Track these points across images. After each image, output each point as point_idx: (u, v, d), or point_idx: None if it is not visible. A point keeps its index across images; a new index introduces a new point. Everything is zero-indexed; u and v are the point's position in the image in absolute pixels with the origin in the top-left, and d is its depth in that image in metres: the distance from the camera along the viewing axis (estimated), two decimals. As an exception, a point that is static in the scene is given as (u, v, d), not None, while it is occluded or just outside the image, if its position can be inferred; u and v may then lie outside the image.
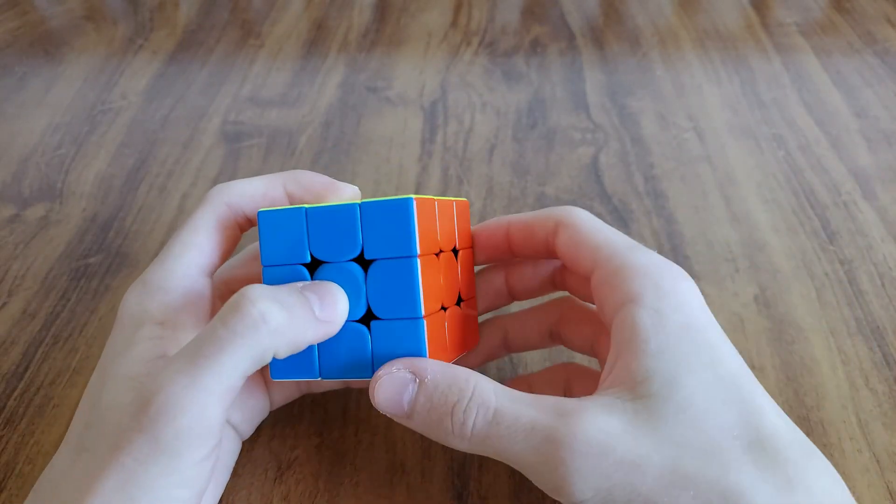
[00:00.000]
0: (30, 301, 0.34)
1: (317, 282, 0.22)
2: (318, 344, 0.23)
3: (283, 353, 0.21)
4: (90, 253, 0.37)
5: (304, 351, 0.23)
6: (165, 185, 0.41)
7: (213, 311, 0.25)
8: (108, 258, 0.36)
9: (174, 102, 0.48)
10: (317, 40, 0.55)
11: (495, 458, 0.21)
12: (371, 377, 0.22)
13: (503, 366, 0.31)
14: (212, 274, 0.25)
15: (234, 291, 0.27)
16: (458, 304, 0.25)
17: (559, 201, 0.39)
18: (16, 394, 0.30)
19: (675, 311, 0.21)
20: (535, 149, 0.43)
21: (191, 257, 0.24)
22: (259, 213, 0.23)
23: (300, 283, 0.22)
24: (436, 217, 0.24)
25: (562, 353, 0.31)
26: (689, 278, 0.22)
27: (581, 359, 0.31)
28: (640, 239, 0.37)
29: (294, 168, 0.42)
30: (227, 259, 0.26)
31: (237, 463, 0.27)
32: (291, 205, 0.25)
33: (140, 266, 0.36)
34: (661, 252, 0.35)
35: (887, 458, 0.27)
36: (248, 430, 0.27)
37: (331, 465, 0.27)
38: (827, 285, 0.34)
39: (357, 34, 0.55)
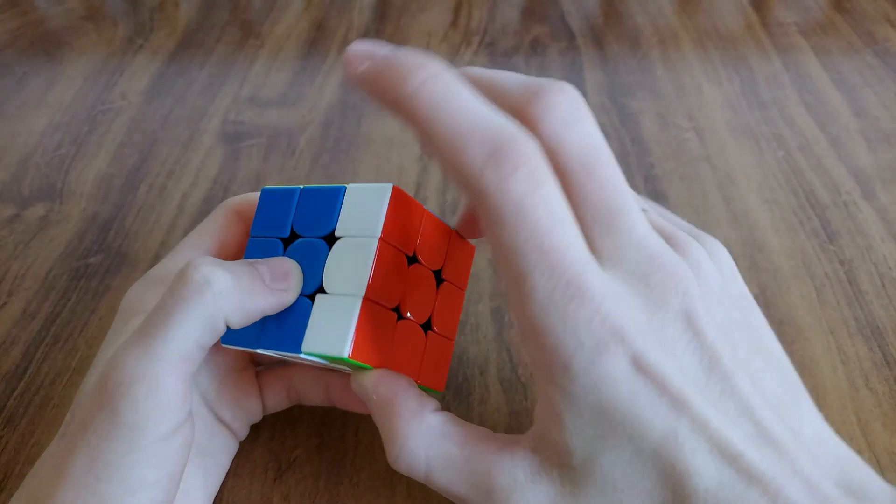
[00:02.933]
0: (30, 301, 0.34)
1: (270, 258, 0.23)
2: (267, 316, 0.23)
3: (235, 320, 0.21)
4: (90, 253, 0.37)
5: (255, 323, 0.22)
6: (165, 185, 0.41)
7: None
8: (108, 258, 0.36)
9: (174, 102, 0.48)
10: (317, 40, 0.55)
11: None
12: (299, 353, 0.21)
13: (503, 366, 0.31)
14: None
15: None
16: (426, 328, 0.24)
17: (559, 201, 0.39)
18: (16, 394, 0.30)
19: (587, 392, 0.18)
20: (535, 149, 0.43)
21: (192, 255, 0.24)
22: (262, 189, 0.24)
23: (252, 260, 0.23)
24: (420, 223, 0.23)
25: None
26: (614, 342, 0.18)
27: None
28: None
29: (294, 169, 0.42)
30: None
31: (237, 463, 0.27)
32: None
33: (140, 266, 0.36)
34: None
35: (887, 458, 0.27)
36: (241, 429, 0.27)
37: (331, 465, 0.27)
38: (827, 285, 0.34)
39: (357, 34, 0.55)
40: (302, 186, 0.24)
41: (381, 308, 0.22)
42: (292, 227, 0.24)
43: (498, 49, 0.53)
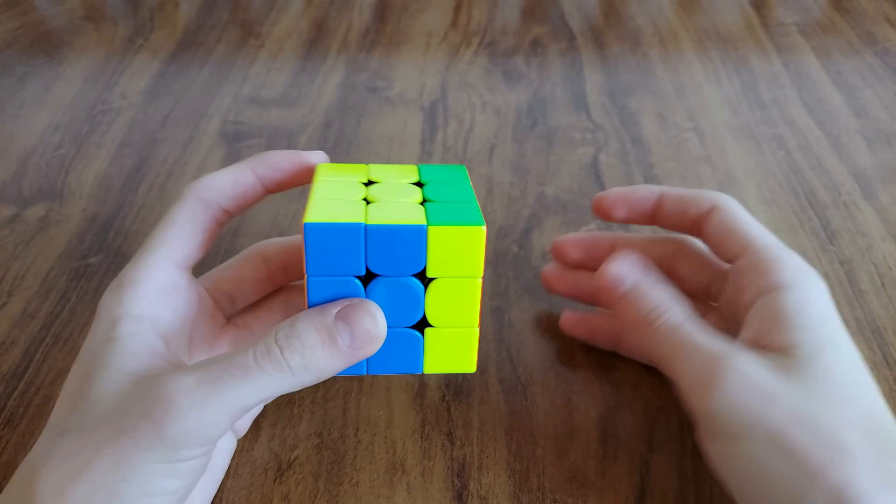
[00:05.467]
0: (30, 301, 0.34)
1: (353, 304, 0.22)
2: None
3: (308, 385, 0.22)
4: (90, 253, 0.37)
5: None
6: (165, 185, 0.41)
7: (194, 305, 0.25)
8: (108, 258, 0.36)
9: (174, 102, 0.48)
10: (317, 40, 0.55)
11: (658, 359, 0.26)
12: (420, 371, 0.24)
13: (503, 366, 0.31)
14: (188, 267, 0.25)
15: (223, 292, 0.27)
16: None
17: (559, 201, 0.39)
18: (16, 394, 0.30)
19: (815, 302, 0.24)
20: (535, 149, 0.43)
21: (162, 251, 0.24)
22: (305, 225, 0.21)
23: (336, 307, 0.22)
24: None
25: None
26: (824, 283, 0.25)
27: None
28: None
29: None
30: (205, 252, 0.26)
31: (237, 463, 0.27)
32: (264, 187, 0.26)
33: (140, 266, 0.36)
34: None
35: (887, 458, 0.27)
36: (243, 428, 0.27)
37: (331, 465, 0.27)
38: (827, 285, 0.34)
39: (357, 34, 0.55)
40: (365, 223, 0.22)
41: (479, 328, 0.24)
42: (367, 266, 0.22)
43: (498, 49, 0.53)
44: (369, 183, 0.25)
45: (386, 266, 0.22)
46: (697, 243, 0.30)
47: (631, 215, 0.29)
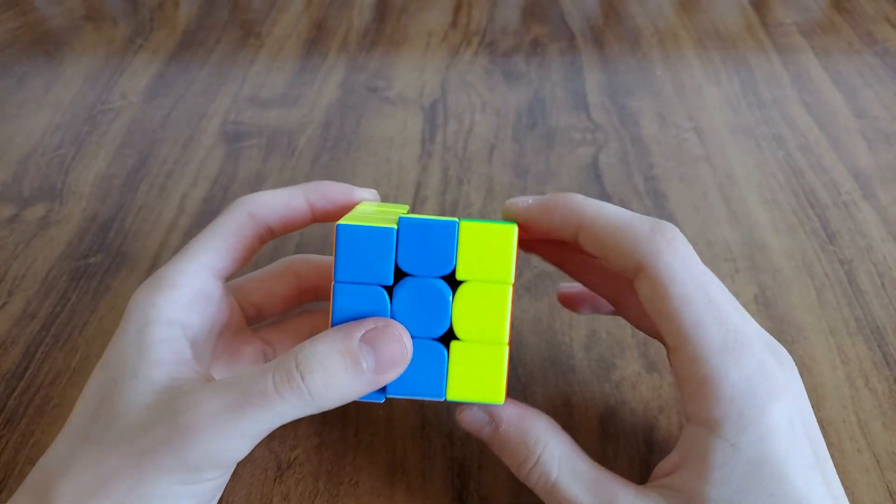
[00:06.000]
0: (30, 301, 0.34)
1: (378, 327, 0.22)
2: None
3: (328, 409, 0.21)
4: (90, 253, 0.37)
5: None
6: (165, 185, 0.41)
7: (224, 315, 0.25)
8: (108, 258, 0.36)
9: (174, 102, 0.48)
10: (317, 40, 0.55)
11: None
12: (443, 398, 0.22)
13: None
14: (223, 278, 0.25)
15: (257, 307, 0.27)
16: None
17: (559, 201, 0.39)
18: (16, 394, 0.30)
19: (751, 444, 0.20)
20: (535, 149, 0.43)
21: (203, 259, 0.24)
22: (338, 225, 0.21)
23: (361, 329, 0.22)
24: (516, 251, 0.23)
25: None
26: (788, 390, 0.20)
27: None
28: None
29: (294, 169, 0.42)
30: (242, 266, 0.26)
31: (237, 463, 0.27)
32: (313, 214, 0.26)
33: (140, 266, 0.36)
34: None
35: (887, 458, 0.27)
36: None
37: (331, 465, 0.27)
38: (827, 285, 0.34)
39: (357, 34, 0.55)
40: (397, 223, 0.22)
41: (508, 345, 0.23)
42: (396, 264, 0.22)
43: (498, 49, 0.53)
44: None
45: (416, 264, 0.22)
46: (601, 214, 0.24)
47: (546, 247, 0.27)
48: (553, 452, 0.22)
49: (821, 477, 0.20)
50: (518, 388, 0.30)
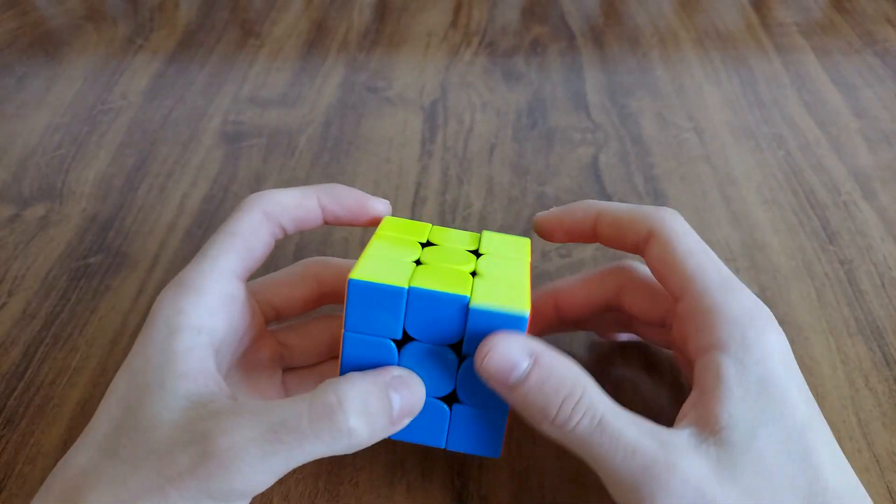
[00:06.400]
0: (30, 301, 0.34)
1: (403, 377, 0.22)
2: None
3: (353, 451, 0.22)
4: (90, 253, 0.37)
5: None
6: (165, 185, 0.41)
7: (248, 318, 0.25)
8: (108, 258, 0.36)
9: (174, 102, 0.48)
10: (317, 40, 0.55)
11: (581, 456, 0.22)
12: (442, 447, 0.24)
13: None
14: (245, 278, 0.25)
15: (276, 309, 0.27)
16: None
17: (559, 201, 0.39)
18: (16, 394, 0.30)
19: (756, 363, 0.22)
20: (535, 149, 0.43)
21: (225, 261, 0.24)
22: (350, 280, 0.22)
23: (387, 376, 0.22)
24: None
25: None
26: (777, 328, 0.23)
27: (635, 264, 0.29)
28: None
29: (294, 169, 0.42)
30: (259, 264, 0.25)
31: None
32: (324, 217, 0.26)
33: (140, 266, 0.36)
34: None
35: (887, 458, 0.27)
36: None
37: (331, 465, 0.27)
38: (827, 285, 0.34)
39: (357, 34, 0.55)
40: (408, 287, 0.22)
41: None
42: (405, 329, 0.22)
43: (498, 49, 0.53)
44: (427, 244, 0.25)
45: (423, 331, 0.22)
46: (643, 272, 0.28)
47: (571, 238, 0.27)
48: (596, 388, 0.22)
49: (817, 408, 0.22)
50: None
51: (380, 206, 0.26)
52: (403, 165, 0.42)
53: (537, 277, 0.35)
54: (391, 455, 0.27)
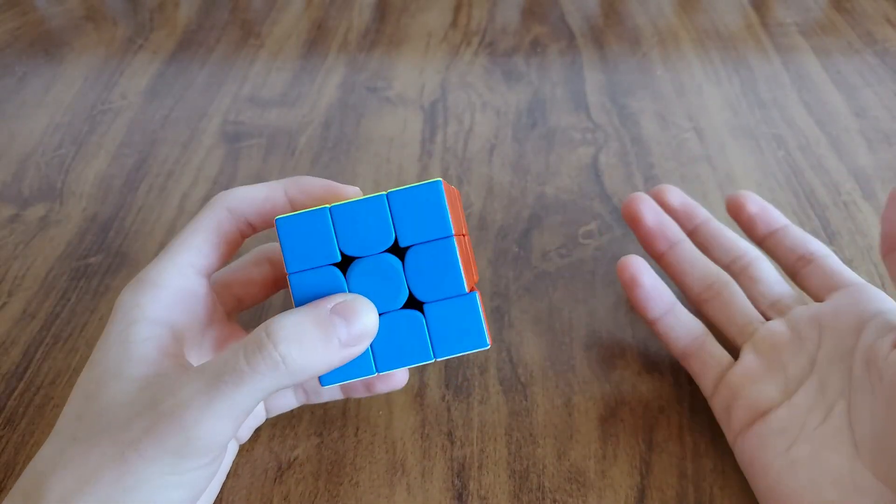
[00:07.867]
0: (30, 301, 0.34)
1: (347, 300, 0.22)
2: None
3: (303, 381, 0.21)
4: (90, 253, 0.37)
5: None
6: (165, 185, 0.41)
7: (209, 312, 0.25)
8: (108, 258, 0.36)
9: (174, 102, 0.48)
10: (317, 40, 0.55)
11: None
12: (431, 359, 0.23)
13: (503, 366, 0.31)
14: (208, 275, 0.25)
15: (233, 295, 0.27)
16: None
17: (559, 201, 0.39)
18: (16, 394, 0.30)
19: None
20: (535, 149, 0.43)
21: (186, 257, 0.24)
22: (277, 220, 0.22)
23: (330, 302, 0.22)
24: (456, 202, 0.24)
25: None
26: None
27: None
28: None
29: (294, 169, 0.42)
30: (226, 261, 0.26)
31: (237, 463, 0.27)
32: (293, 210, 0.25)
33: (140, 266, 0.36)
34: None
35: None
36: (245, 436, 0.27)
37: (331, 465, 0.27)
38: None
39: (357, 34, 0.55)
40: (329, 206, 0.23)
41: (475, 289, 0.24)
42: (340, 250, 0.23)
43: (498, 49, 0.53)
44: None
45: (357, 244, 0.22)
46: (734, 289, 0.30)
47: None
48: None
49: None
50: (518, 388, 0.30)
51: (348, 190, 0.26)
52: (403, 165, 0.42)
53: (537, 277, 0.35)
54: (391, 455, 0.27)
